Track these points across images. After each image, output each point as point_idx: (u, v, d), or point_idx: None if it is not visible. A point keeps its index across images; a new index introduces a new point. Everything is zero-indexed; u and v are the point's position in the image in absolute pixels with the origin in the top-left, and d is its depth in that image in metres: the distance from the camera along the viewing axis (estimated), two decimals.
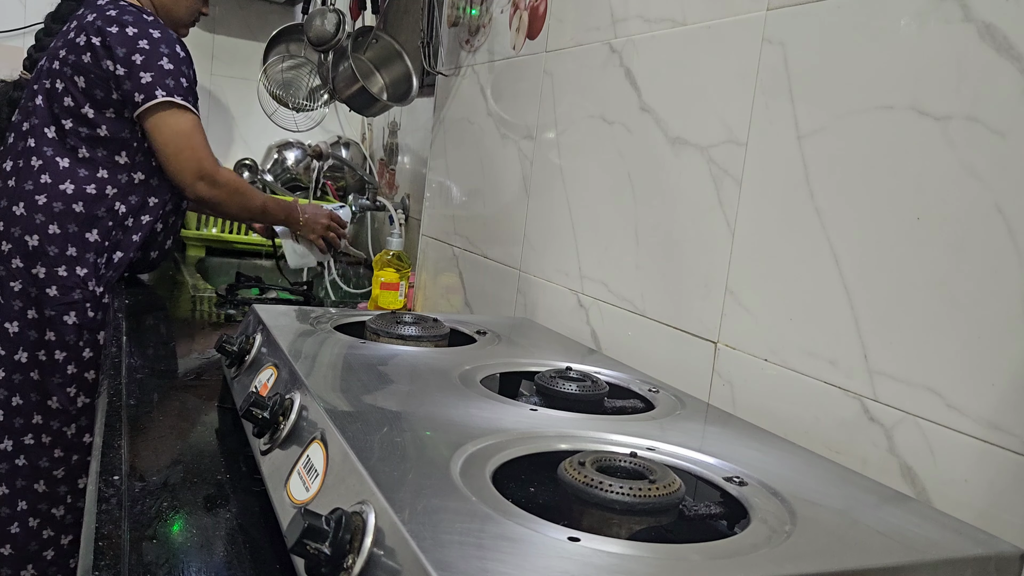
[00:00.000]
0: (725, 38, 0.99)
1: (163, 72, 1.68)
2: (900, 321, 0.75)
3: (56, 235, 1.70)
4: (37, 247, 1.70)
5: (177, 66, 1.71)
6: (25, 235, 1.70)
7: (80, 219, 1.72)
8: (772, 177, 0.91)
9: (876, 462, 0.76)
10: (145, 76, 1.67)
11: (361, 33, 1.95)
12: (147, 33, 1.69)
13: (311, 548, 0.51)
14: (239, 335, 1.02)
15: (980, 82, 0.70)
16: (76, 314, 1.73)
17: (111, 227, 1.75)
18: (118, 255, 1.77)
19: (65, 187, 1.71)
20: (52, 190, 1.70)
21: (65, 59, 1.70)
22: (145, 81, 1.67)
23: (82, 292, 1.73)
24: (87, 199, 1.72)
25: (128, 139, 1.74)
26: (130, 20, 1.70)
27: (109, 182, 1.74)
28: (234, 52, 2.80)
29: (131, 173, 1.76)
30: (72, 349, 1.73)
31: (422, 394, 0.79)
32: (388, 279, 1.78)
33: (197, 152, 1.74)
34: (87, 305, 1.73)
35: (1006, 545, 0.59)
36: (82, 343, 1.74)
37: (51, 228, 1.70)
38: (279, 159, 2.65)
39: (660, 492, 0.58)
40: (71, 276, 1.72)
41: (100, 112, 1.70)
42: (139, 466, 0.85)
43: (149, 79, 1.67)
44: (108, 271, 1.76)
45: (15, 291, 1.70)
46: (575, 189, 1.28)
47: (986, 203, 0.69)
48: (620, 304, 1.15)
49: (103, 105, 1.70)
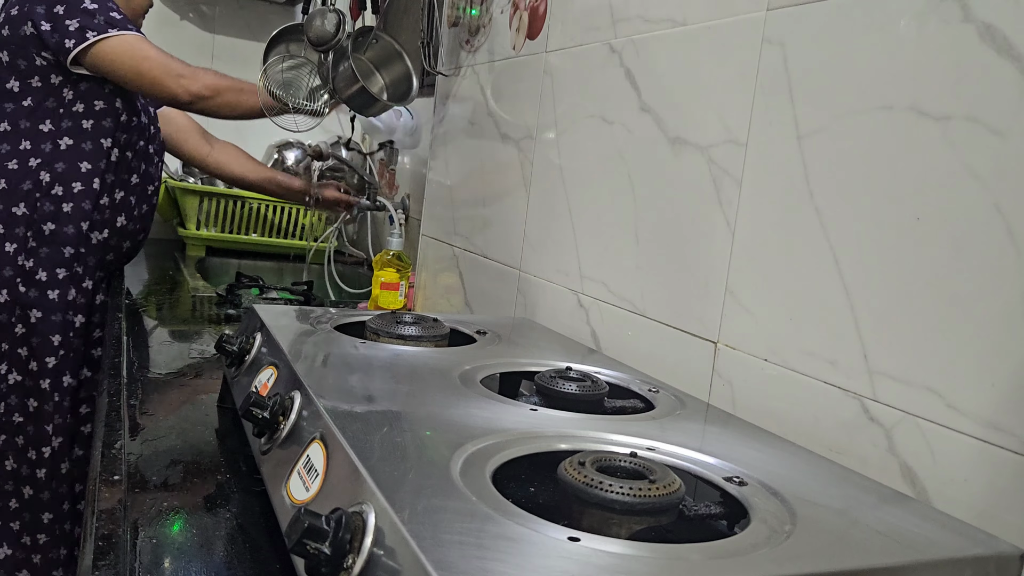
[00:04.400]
0: (725, 38, 0.99)
1: (88, 13, 1.65)
2: (900, 321, 0.75)
3: None
4: None
5: (101, 4, 1.68)
6: None
7: (4, 196, 1.69)
8: (772, 177, 0.91)
9: (876, 462, 0.76)
10: (72, 23, 1.63)
11: (361, 33, 1.95)
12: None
13: (311, 548, 0.51)
14: (239, 335, 1.02)
15: (980, 82, 0.70)
16: (7, 291, 1.70)
17: (38, 198, 1.71)
18: (49, 226, 1.73)
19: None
20: None
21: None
22: (74, 28, 1.63)
23: (11, 268, 1.70)
24: (9, 175, 1.69)
25: (54, 107, 1.70)
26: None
27: (32, 153, 1.70)
28: (234, 52, 2.80)
29: (56, 140, 1.72)
30: (4, 326, 1.71)
31: (422, 394, 0.79)
32: (388, 279, 1.78)
33: (158, 59, 1.69)
34: (17, 280, 1.71)
35: (1006, 545, 0.59)
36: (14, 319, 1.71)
37: None
38: (279, 159, 2.65)
39: (660, 492, 0.58)
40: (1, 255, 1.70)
41: (26, 83, 1.67)
42: (139, 466, 0.85)
43: (77, 24, 1.63)
44: (41, 245, 1.73)
45: None
46: (575, 189, 1.28)
47: (986, 203, 0.69)
48: (620, 304, 1.15)
49: (28, 75, 1.67)
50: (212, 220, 2.44)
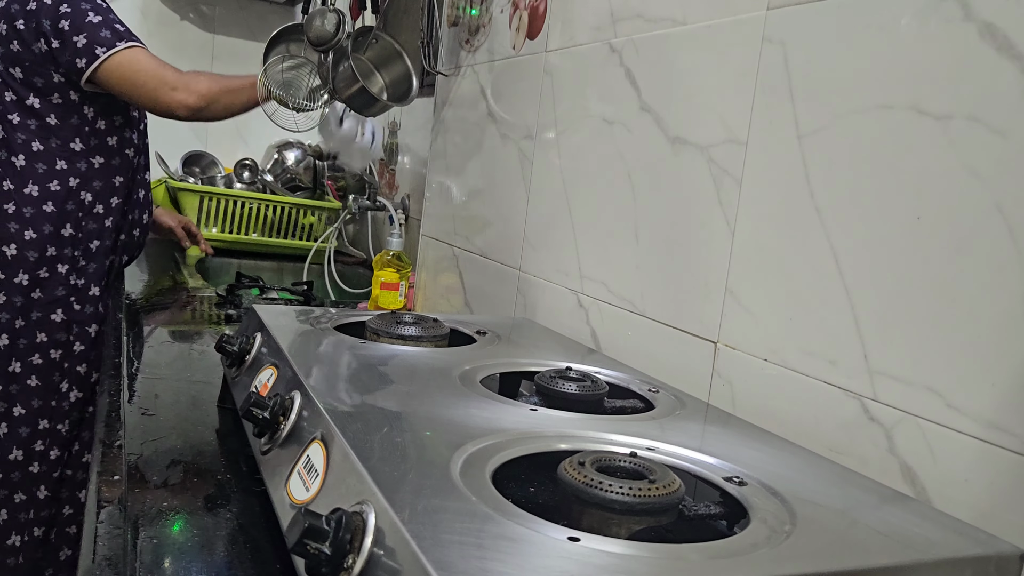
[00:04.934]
0: (725, 38, 0.99)
1: (93, 27, 1.62)
2: (900, 321, 0.75)
3: (33, 240, 1.68)
4: (16, 255, 1.67)
5: (104, 15, 1.65)
6: (1, 245, 1.67)
7: (52, 218, 1.69)
8: (772, 177, 0.91)
9: (876, 462, 0.76)
10: (80, 39, 1.61)
11: (361, 33, 1.95)
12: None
13: (311, 548, 0.51)
14: (239, 335, 1.02)
15: (980, 81, 0.70)
16: (63, 310, 1.72)
17: (81, 218, 1.73)
18: (95, 244, 1.75)
19: (30, 190, 1.67)
20: (19, 195, 1.67)
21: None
22: (81, 44, 1.61)
23: (65, 288, 1.72)
24: (54, 196, 1.69)
25: (78, 125, 1.69)
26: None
27: (70, 173, 1.70)
28: (234, 52, 2.80)
29: (88, 159, 1.72)
30: (64, 345, 1.73)
31: (422, 394, 0.79)
32: (388, 279, 1.78)
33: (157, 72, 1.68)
34: (72, 299, 1.72)
35: (1006, 545, 0.59)
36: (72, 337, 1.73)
37: (27, 234, 1.68)
38: (279, 159, 2.65)
39: (660, 492, 0.58)
40: (53, 276, 1.71)
41: (46, 100, 1.65)
42: (139, 466, 0.85)
43: (85, 41, 1.61)
44: (88, 262, 1.75)
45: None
46: (575, 189, 1.28)
47: (986, 203, 0.69)
48: (620, 304, 1.15)
49: (46, 92, 1.65)
50: (212, 220, 2.44)
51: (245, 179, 2.65)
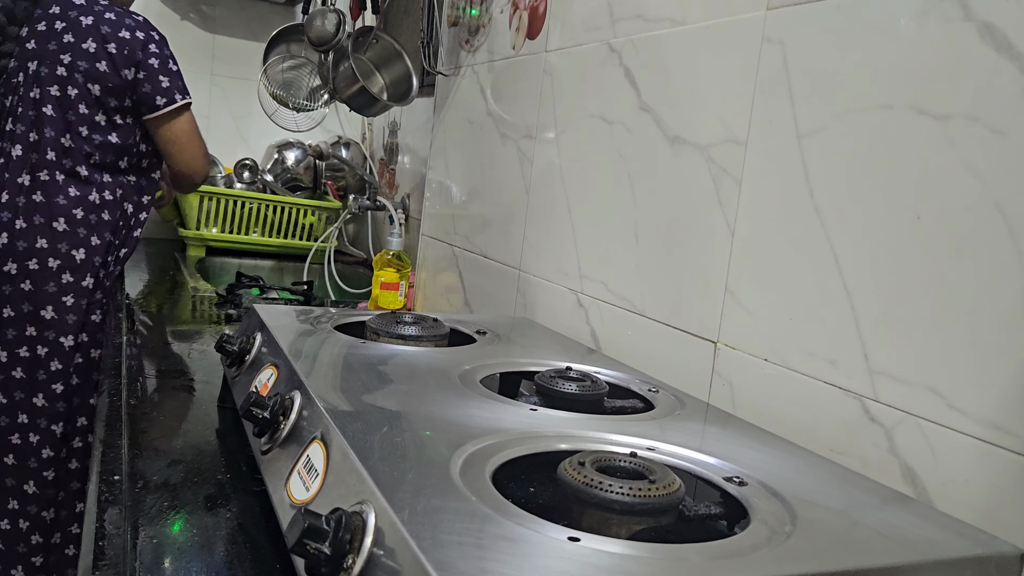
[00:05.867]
0: (725, 38, 0.99)
1: (174, 74, 1.74)
2: (900, 321, 0.75)
3: (97, 247, 1.75)
4: (84, 259, 1.74)
5: (178, 66, 1.77)
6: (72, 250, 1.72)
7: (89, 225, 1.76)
8: (772, 177, 0.91)
9: (876, 462, 0.76)
10: (164, 80, 1.72)
11: (361, 33, 1.95)
12: (149, 36, 1.73)
13: (311, 548, 0.51)
14: (239, 335, 1.02)
15: (980, 82, 0.70)
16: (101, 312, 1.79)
17: (120, 226, 1.81)
18: (124, 251, 1.84)
19: (94, 197, 1.75)
20: (84, 202, 1.75)
21: (74, 65, 1.69)
22: (165, 85, 1.72)
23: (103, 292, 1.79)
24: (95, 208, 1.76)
25: (132, 145, 1.78)
26: (131, 23, 1.72)
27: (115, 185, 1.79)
28: (234, 52, 2.80)
29: (128, 176, 1.81)
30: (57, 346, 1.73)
31: (422, 394, 0.79)
32: (388, 279, 1.78)
33: (202, 139, 1.82)
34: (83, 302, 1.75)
35: (1006, 545, 0.59)
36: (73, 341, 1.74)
37: (93, 240, 1.75)
38: (279, 159, 2.65)
39: (660, 492, 0.58)
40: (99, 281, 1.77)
41: (111, 119, 1.73)
42: (139, 466, 0.85)
43: (168, 83, 1.73)
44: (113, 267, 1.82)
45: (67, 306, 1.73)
46: (575, 189, 1.28)
47: (986, 202, 0.69)
48: (620, 304, 1.15)
49: (114, 112, 1.73)
50: (212, 220, 2.44)
51: (245, 179, 2.65)
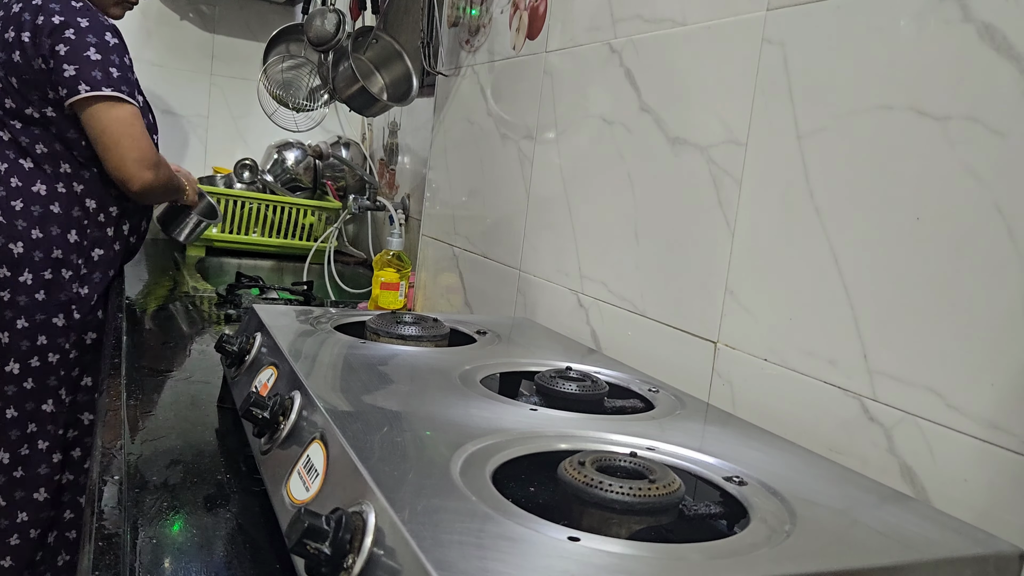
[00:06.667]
0: (725, 38, 0.99)
1: (89, 64, 1.59)
2: (900, 321, 0.75)
3: (40, 239, 1.68)
4: (22, 254, 1.67)
5: (105, 55, 1.61)
6: (8, 243, 1.66)
7: (59, 220, 1.69)
8: (772, 177, 0.91)
9: (876, 462, 0.76)
10: (69, 69, 1.58)
11: (361, 33, 1.95)
12: (74, 22, 1.60)
13: (311, 548, 0.51)
14: (239, 335, 1.02)
15: (980, 82, 0.70)
16: (64, 316, 1.72)
17: (86, 225, 1.73)
18: (98, 252, 1.75)
19: (38, 189, 1.67)
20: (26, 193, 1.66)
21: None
22: (69, 75, 1.59)
23: (67, 294, 1.72)
24: (61, 199, 1.69)
25: (76, 138, 1.67)
26: (57, 8, 1.60)
27: (74, 178, 1.70)
28: (234, 52, 2.80)
29: (91, 168, 1.72)
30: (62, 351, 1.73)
31: (422, 394, 0.79)
32: (388, 279, 1.78)
33: (138, 141, 1.64)
34: (73, 307, 1.73)
35: (1005, 545, 0.59)
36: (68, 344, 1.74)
37: (34, 233, 1.67)
38: (279, 159, 2.65)
39: (660, 492, 0.58)
40: (56, 279, 1.70)
41: (42, 112, 1.64)
42: (139, 466, 0.85)
43: (73, 72, 1.58)
44: (92, 271, 1.75)
45: (3, 301, 1.68)
46: (575, 189, 1.28)
47: (986, 203, 0.69)
48: (620, 304, 1.15)
49: (42, 105, 1.64)
50: None
51: (245, 179, 2.65)
